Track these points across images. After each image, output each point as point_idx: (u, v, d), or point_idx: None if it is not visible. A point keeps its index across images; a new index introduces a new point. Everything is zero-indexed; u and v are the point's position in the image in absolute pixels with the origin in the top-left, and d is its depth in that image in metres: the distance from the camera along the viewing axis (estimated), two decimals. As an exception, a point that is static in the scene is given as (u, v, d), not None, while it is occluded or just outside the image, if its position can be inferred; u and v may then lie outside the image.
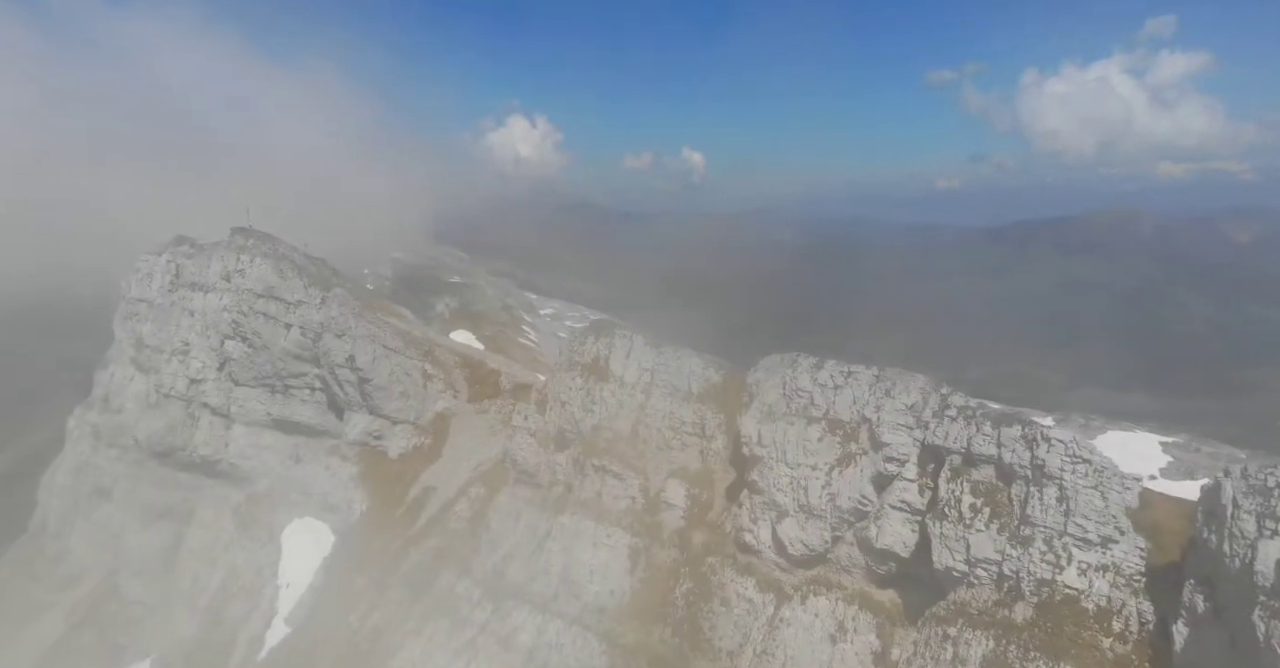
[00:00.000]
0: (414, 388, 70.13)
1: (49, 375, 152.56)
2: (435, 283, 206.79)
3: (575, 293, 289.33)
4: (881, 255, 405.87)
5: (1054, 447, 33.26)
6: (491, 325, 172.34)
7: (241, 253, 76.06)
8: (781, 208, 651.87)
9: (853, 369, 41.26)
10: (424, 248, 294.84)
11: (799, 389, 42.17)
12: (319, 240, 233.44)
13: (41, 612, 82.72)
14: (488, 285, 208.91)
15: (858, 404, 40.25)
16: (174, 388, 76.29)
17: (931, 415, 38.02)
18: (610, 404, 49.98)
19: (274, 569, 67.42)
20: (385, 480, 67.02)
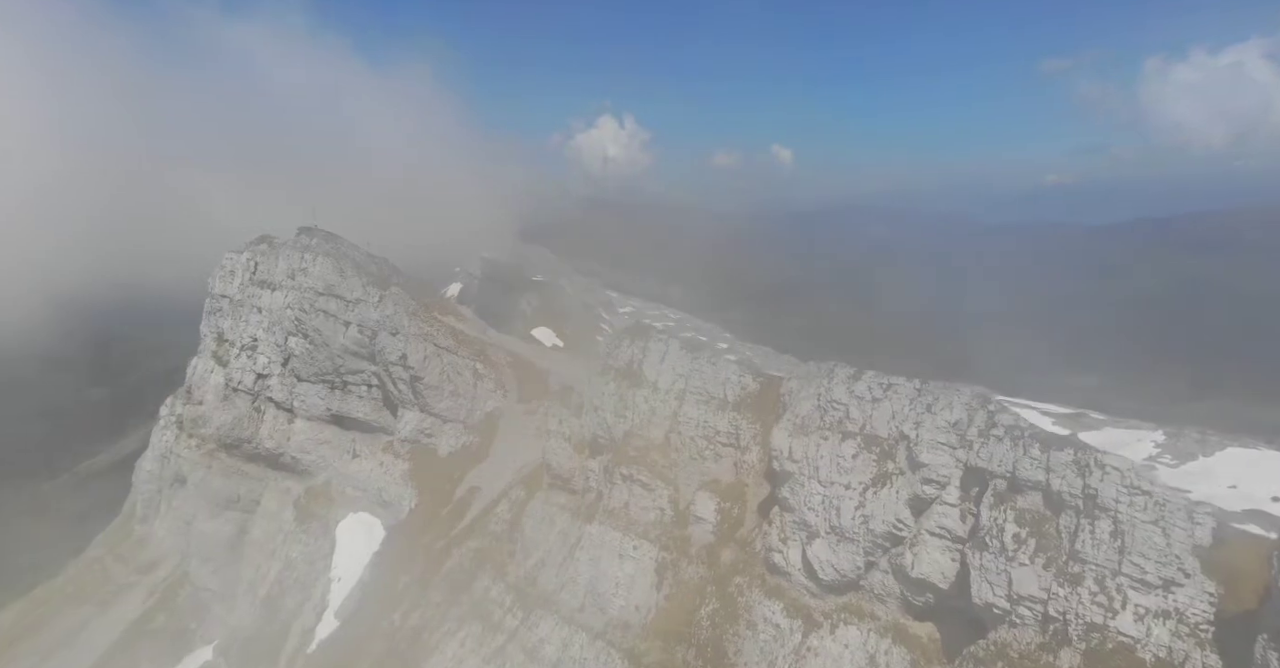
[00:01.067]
0: (464, 387, 70.63)
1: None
2: (520, 282, 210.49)
3: (657, 292, 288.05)
4: (984, 254, 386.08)
5: (1108, 475, 29.79)
6: (571, 323, 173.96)
7: (305, 252, 78.44)
8: (874, 204, 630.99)
9: (892, 381, 38.41)
10: (512, 247, 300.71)
11: (834, 401, 39.62)
12: (413, 240, 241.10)
13: (123, 592, 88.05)
14: (569, 284, 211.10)
15: (896, 420, 37.43)
16: (241, 382, 79.51)
17: (977, 434, 34.87)
18: (642, 411, 48.55)
19: (328, 562, 69.25)
20: (434, 478, 67.74)
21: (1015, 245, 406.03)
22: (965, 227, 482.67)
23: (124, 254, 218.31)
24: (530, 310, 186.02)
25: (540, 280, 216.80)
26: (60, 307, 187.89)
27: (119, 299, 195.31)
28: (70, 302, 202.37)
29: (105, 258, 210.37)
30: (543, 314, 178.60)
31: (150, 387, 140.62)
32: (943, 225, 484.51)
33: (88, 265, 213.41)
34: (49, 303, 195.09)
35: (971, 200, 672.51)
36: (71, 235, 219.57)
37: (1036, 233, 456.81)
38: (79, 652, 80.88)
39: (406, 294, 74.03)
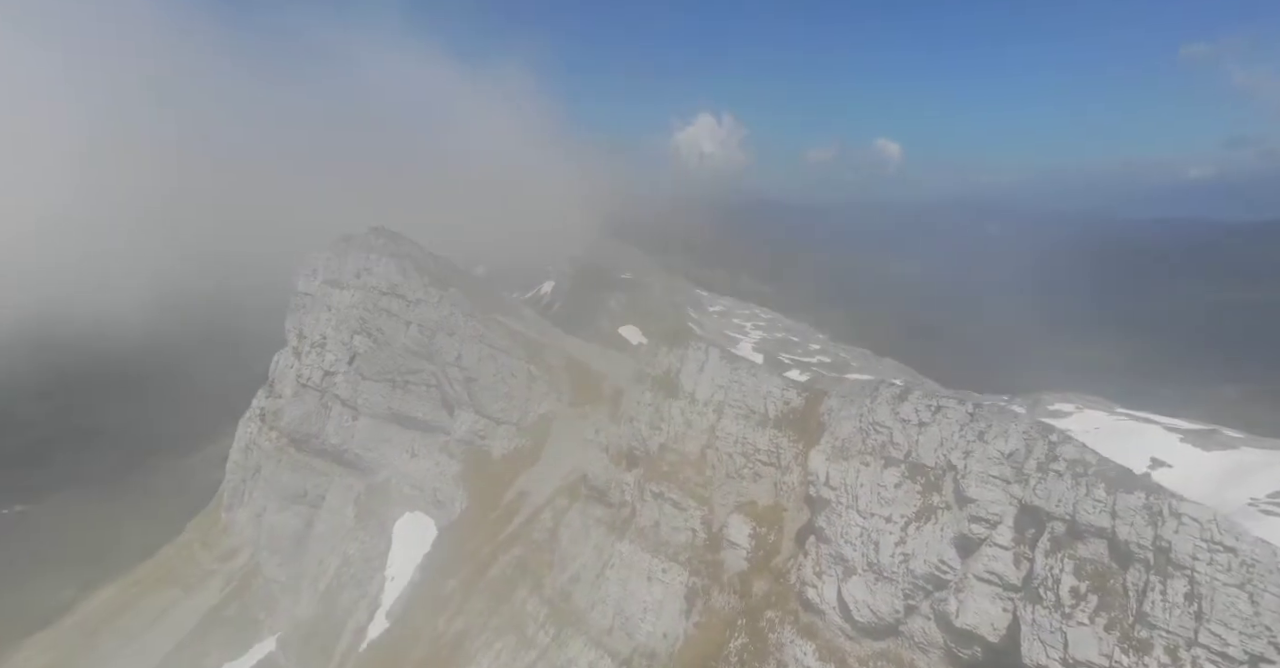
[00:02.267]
0: (518, 389, 69.73)
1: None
2: (608, 280, 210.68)
3: (751, 291, 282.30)
4: (1118, 253, 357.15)
5: (1185, 526, 25.20)
6: (657, 322, 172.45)
7: (371, 252, 79.43)
8: (991, 200, 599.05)
9: (943, 403, 34.31)
10: (603, 246, 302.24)
11: (877, 424, 35.83)
12: (508, 240, 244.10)
13: (205, 579, 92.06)
14: (656, 282, 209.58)
15: (944, 447, 33.39)
16: (310, 378, 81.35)
17: (1035, 468, 30.55)
18: (678, 423, 45.88)
19: (383, 561, 69.90)
20: (485, 481, 67.19)
21: (1150, 243, 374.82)
22: (1098, 224, 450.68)
23: (232, 252, 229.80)
24: (618, 309, 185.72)
25: (628, 278, 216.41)
26: (175, 300, 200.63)
27: (235, 291, 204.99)
28: (185, 296, 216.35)
29: (212, 255, 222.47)
30: (630, 312, 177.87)
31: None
32: (1067, 223, 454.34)
33: (199, 263, 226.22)
34: (159, 301, 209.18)
35: (1106, 197, 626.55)
36: (180, 232, 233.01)
37: (1174, 230, 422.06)
38: (160, 636, 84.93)
39: (464, 295, 73.78)
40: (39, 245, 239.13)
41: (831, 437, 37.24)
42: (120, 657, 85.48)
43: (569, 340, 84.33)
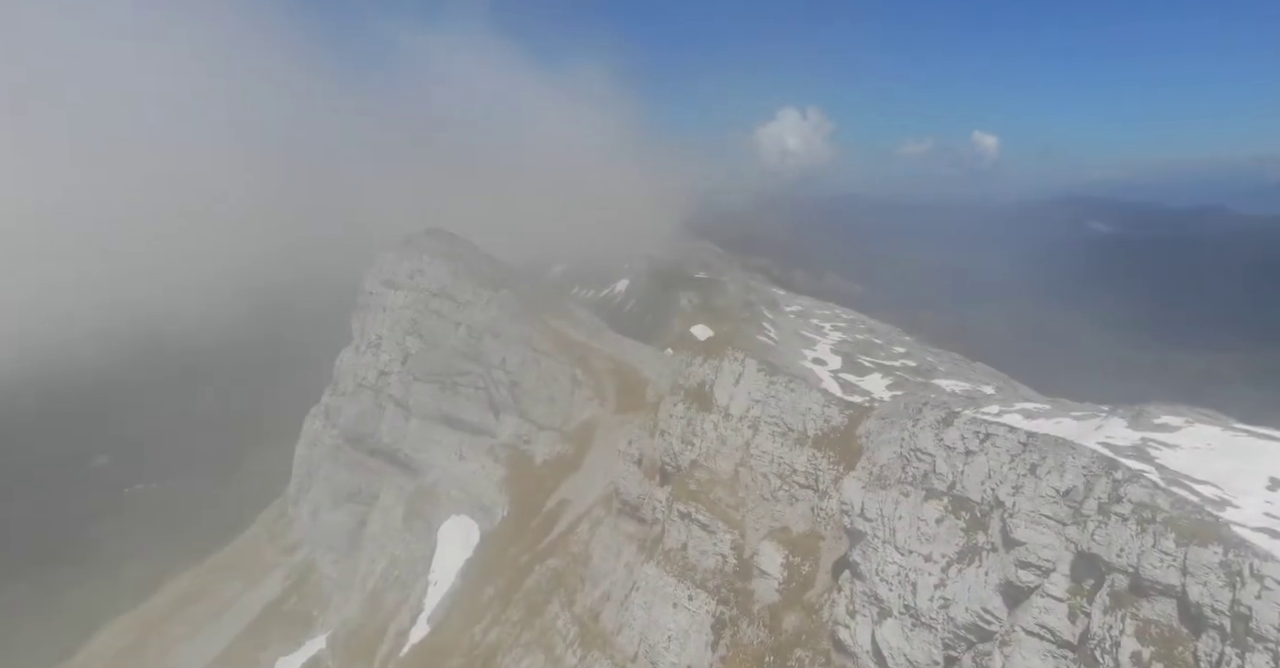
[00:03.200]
0: (561, 394, 68.17)
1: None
2: (681, 278, 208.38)
3: (833, 290, 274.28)
4: (1237, 253, 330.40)
5: (1269, 591, 21.14)
6: (730, 322, 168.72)
7: (425, 253, 79.38)
8: (1097, 197, 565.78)
9: (992, 431, 30.55)
10: (679, 244, 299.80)
11: (919, 450, 32.32)
12: (585, 239, 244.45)
13: (268, 571, 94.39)
14: (730, 281, 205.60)
15: (993, 480, 29.70)
16: (366, 378, 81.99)
17: (1095, 509, 26.64)
18: (711, 439, 43.15)
19: (427, 564, 69.52)
20: (527, 487, 65.90)
21: (1274, 243, 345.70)
22: (1215, 223, 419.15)
23: (316, 251, 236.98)
24: (690, 307, 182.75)
25: (702, 277, 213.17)
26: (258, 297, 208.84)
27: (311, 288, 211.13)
28: (277, 291, 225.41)
29: (293, 254, 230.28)
30: (702, 312, 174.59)
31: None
32: (1181, 222, 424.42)
33: (283, 261, 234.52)
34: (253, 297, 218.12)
35: (1222, 194, 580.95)
36: (261, 231, 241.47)
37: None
38: (224, 626, 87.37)
39: (514, 297, 72.71)
40: (129, 244, 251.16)
41: (869, 463, 33.92)
42: (187, 645, 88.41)
43: (624, 343, 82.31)
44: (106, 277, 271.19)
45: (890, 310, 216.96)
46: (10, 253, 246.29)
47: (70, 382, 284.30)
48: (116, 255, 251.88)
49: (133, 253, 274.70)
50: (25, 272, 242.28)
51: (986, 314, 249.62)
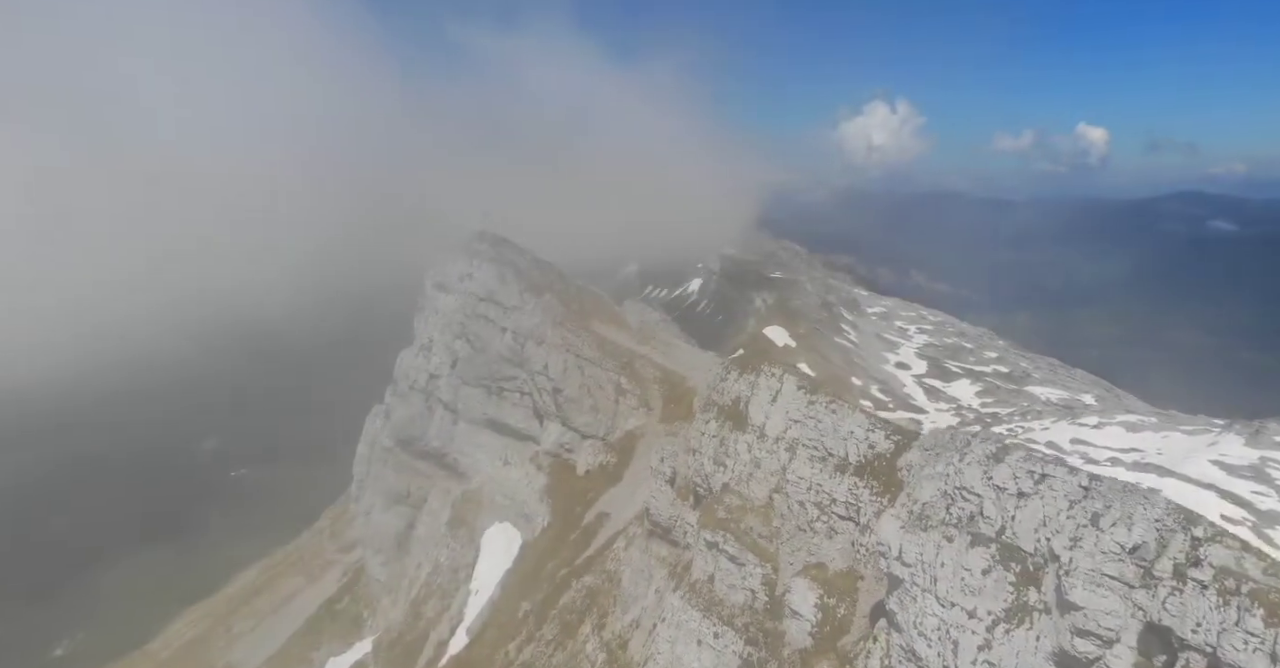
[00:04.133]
0: (605, 402, 65.86)
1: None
2: (756, 278, 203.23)
3: (921, 290, 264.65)
4: None
5: (1392, 704, 16.97)
6: (806, 323, 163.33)
7: (474, 257, 78.28)
8: (1216, 193, 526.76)
9: (1049, 471, 26.53)
10: (756, 243, 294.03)
11: (964, 489, 28.50)
12: (657, 238, 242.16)
13: (326, 568, 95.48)
14: (808, 281, 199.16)
15: (1048, 528, 25.74)
16: (417, 380, 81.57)
17: (1170, 572, 22.57)
18: (744, 461, 39.98)
19: (470, 572, 68.45)
20: (568, 497, 63.95)
21: None
22: None
23: (394, 249, 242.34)
24: (764, 308, 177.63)
25: (778, 277, 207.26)
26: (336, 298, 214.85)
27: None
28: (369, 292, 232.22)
29: (372, 252, 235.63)
30: (777, 313, 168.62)
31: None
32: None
33: (362, 258, 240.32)
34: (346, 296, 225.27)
35: None
36: (342, 230, 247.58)
37: None
38: (284, 620, 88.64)
39: (558, 302, 70.79)
40: (210, 241, 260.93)
41: (909, 500, 30.26)
42: (248, 639, 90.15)
43: (677, 349, 79.40)
44: (191, 273, 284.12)
45: (982, 312, 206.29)
46: (95, 252, 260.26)
47: (171, 371, 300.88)
48: (195, 254, 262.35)
49: (215, 251, 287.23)
50: (114, 269, 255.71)
51: (1090, 317, 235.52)
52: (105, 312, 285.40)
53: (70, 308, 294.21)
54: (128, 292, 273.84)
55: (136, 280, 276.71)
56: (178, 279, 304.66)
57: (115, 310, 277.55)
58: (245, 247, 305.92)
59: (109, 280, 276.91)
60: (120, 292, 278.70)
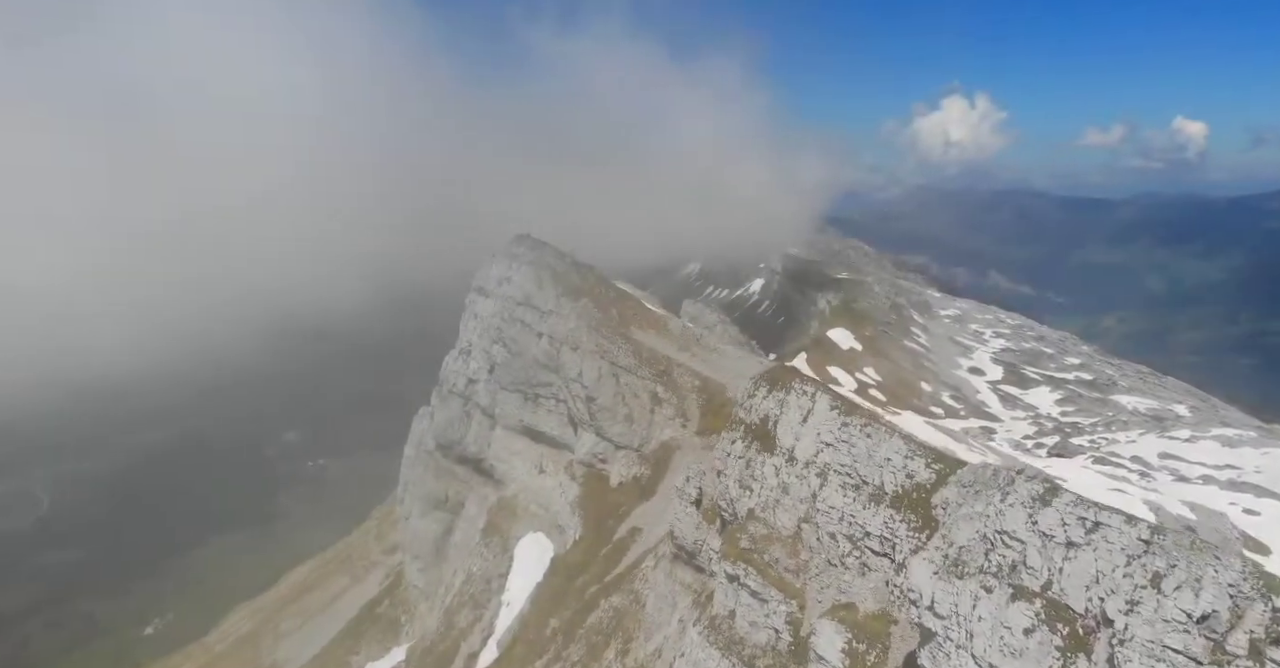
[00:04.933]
0: (640, 412, 63.59)
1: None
2: (820, 278, 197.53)
3: (1000, 291, 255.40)
4: None
5: None
6: (873, 326, 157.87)
7: (513, 260, 77.01)
8: None
9: (1103, 519, 23.17)
10: (822, 242, 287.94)
11: (1005, 533, 25.28)
12: (720, 237, 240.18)
13: (370, 570, 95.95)
14: (876, 281, 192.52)
15: (1101, 586, 22.43)
16: (455, 385, 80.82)
17: (1243, 647, 19.21)
18: (771, 486, 37.16)
19: (502, 583, 67.23)
20: (601, 510, 61.97)
21: None
22: None
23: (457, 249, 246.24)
24: (829, 310, 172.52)
25: (844, 277, 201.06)
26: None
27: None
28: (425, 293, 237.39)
29: (436, 252, 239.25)
30: (842, 315, 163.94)
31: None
32: None
33: (426, 258, 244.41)
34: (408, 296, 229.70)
35: None
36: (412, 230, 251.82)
37: None
38: (328, 621, 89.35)
39: (594, 307, 68.80)
40: (280, 242, 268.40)
41: (943, 542, 27.13)
42: (294, 638, 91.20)
43: (721, 357, 76.38)
44: (259, 273, 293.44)
45: (1066, 316, 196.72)
46: (164, 252, 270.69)
47: (250, 366, 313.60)
48: (263, 254, 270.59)
49: (283, 250, 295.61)
50: (184, 268, 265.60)
51: (1186, 321, 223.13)
52: (177, 310, 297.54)
53: (146, 307, 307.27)
54: (197, 291, 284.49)
55: (206, 280, 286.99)
56: (247, 278, 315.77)
57: (187, 308, 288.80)
58: (312, 246, 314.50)
59: (180, 279, 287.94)
60: (190, 291, 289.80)
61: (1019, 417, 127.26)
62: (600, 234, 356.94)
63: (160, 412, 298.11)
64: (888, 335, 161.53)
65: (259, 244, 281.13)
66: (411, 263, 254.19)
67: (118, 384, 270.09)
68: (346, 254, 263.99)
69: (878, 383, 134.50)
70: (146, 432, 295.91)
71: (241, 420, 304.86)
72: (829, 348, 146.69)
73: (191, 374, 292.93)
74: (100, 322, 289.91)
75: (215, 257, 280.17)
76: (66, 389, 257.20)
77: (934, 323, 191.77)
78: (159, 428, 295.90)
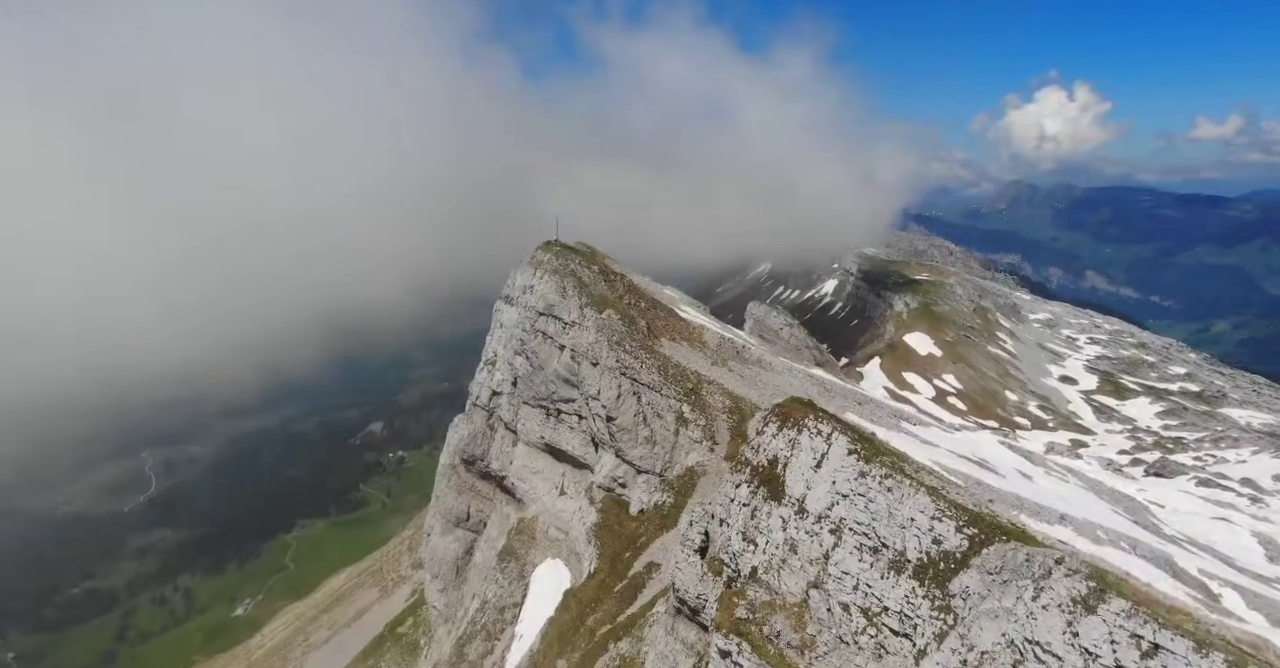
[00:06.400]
0: (663, 433, 59.10)
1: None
2: (898, 279, 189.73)
3: (1099, 293, 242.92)
4: None
5: None
6: (954, 330, 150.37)
7: (537, 268, 73.50)
8: None
9: (1162, 639, 17.76)
10: (899, 240, 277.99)
11: (1036, 643, 19.99)
12: (792, 236, 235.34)
13: (398, 585, 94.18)
14: (958, 283, 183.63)
15: (1164, 732, 17.06)
16: (479, 397, 77.89)
17: None
18: (777, 542, 32.26)
19: (516, 613, 63.79)
20: (618, 542, 57.76)
21: None
22: None
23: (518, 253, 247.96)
24: (906, 313, 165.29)
25: (924, 278, 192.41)
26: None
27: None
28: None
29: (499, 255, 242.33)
30: (920, 318, 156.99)
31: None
32: None
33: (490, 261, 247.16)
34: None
35: None
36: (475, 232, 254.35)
37: None
38: (354, 636, 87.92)
39: (619, 318, 64.50)
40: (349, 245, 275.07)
41: (960, 642, 22.01)
42: (321, 651, 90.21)
43: (763, 373, 71.28)
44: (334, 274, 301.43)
45: (1171, 321, 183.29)
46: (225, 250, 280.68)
47: (333, 362, 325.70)
48: (342, 257, 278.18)
49: (361, 252, 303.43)
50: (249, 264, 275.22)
51: None
52: (259, 309, 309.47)
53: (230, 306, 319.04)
54: (271, 292, 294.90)
55: (281, 282, 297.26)
56: (319, 278, 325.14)
57: (269, 308, 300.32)
58: (388, 246, 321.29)
59: (245, 273, 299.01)
60: (262, 292, 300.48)
61: (1114, 430, 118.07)
62: (666, 234, 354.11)
63: (255, 401, 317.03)
64: (970, 340, 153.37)
65: (334, 247, 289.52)
66: (484, 262, 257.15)
67: (209, 374, 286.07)
68: (418, 254, 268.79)
69: (958, 391, 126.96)
70: (245, 419, 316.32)
71: (330, 410, 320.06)
72: (906, 353, 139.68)
73: (281, 368, 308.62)
74: (192, 319, 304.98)
75: (293, 259, 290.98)
76: (171, 378, 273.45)
77: (1022, 327, 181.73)
78: (255, 416, 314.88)
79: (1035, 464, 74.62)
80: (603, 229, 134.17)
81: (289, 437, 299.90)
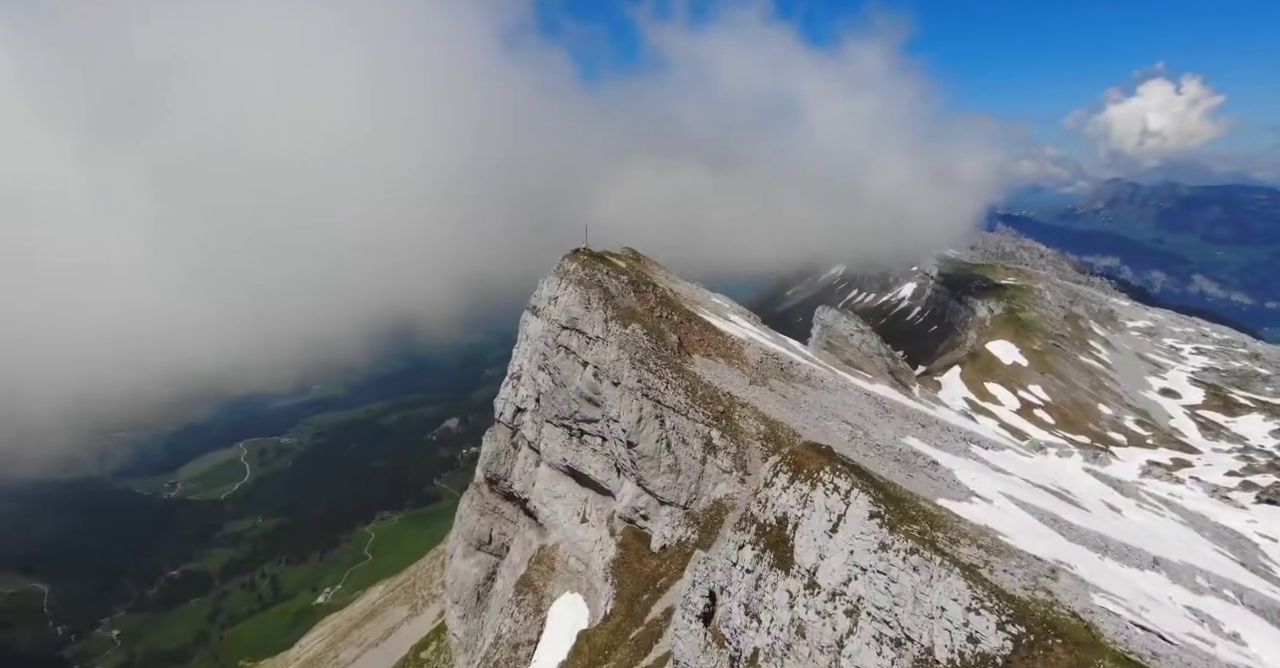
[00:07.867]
0: (689, 462, 54.04)
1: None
2: (980, 283, 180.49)
3: (1203, 299, 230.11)
4: None
5: None
6: (1042, 338, 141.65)
7: (562, 278, 69.38)
8: None
9: None
10: (983, 241, 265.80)
11: None
12: (868, 237, 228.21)
13: (428, 603, 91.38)
14: (1047, 287, 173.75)
15: None
16: (503, 413, 74.33)
17: None
18: (783, 622, 27.01)
19: (530, 652, 59.61)
20: (637, 581, 52.99)
21: None
22: None
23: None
24: (989, 319, 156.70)
25: (1010, 283, 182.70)
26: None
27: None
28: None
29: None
30: (1005, 325, 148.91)
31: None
32: None
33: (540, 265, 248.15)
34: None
35: None
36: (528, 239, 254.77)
37: None
38: (379, 657, 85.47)
39: (644, 333, 59.72)
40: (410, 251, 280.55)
41: None
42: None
43: (818, 390, 65.63)
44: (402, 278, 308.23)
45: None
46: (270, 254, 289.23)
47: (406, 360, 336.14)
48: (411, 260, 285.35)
49: (435, 254, 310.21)
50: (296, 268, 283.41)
51: None
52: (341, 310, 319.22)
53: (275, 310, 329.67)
54: (306, 289, 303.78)
55: (314, 280, 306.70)
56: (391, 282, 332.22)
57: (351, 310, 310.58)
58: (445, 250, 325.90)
59: (291, 275, 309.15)
60: (300, 288, 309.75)
61: (1222, 449, 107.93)
62: (728, 235, 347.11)
63: (341, 394, 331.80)
64: (1060, 349, 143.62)
65: (395, 250, 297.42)
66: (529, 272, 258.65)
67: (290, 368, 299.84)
68: (478, 254, 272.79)
69: (1045, 403, 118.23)
70: (329, 412, 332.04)
71: (411, 406, 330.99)
72: (988, 362, 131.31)
73: (357, 366, 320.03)
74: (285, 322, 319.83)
75: (358, 261, 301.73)
76: (266, 370, 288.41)
77: (1119, 336, 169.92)
78: (340, 410, 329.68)
79: (1125, 495, 66.91)
80: (661, 232, 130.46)
81: (374, 430, 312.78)
